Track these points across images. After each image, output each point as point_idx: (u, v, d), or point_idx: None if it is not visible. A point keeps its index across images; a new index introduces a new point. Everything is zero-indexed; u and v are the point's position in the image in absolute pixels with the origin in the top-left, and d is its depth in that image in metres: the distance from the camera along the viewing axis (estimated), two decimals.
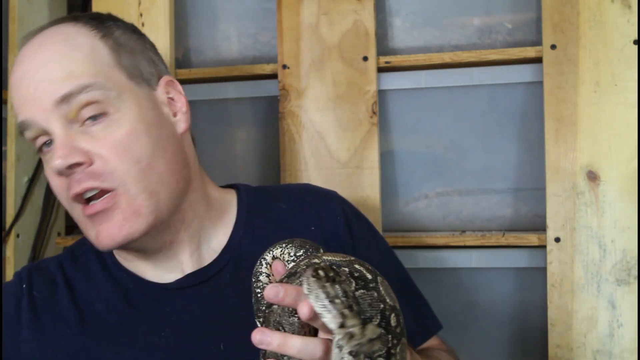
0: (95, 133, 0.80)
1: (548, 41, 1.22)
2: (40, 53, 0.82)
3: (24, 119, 0.82)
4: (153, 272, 0.89)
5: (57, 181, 0.82)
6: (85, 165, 0.79)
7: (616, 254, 1.17)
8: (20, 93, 0.82)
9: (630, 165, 1.18)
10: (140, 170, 0.80)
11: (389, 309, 0.64)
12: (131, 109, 0.83)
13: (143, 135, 0.82)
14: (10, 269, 1.54)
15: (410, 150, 1.36)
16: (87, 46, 0.83)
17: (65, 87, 0.79)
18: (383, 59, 1.31)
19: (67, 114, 0.80)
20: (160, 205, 0.82)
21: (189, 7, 1.45)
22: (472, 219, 1.33)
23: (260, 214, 0.94)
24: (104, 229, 0.80)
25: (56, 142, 0.80)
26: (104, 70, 0.82)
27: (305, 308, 0.59)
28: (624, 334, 1.16)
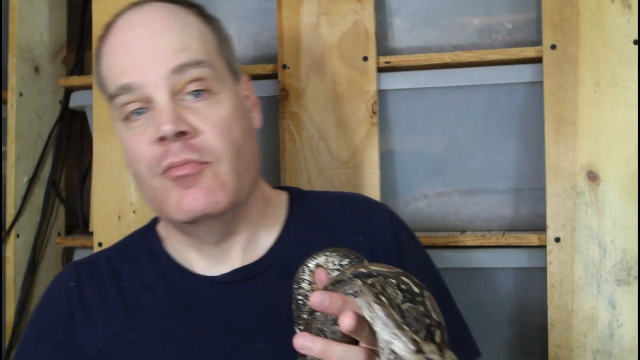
0: (199, 109, 0.82)
1: (548, 41, 1.22)
2: (155, 22, 0.84)
3: (129, 82, 0.82)
4: (202, 263, 0.90)
5: (146, 148, 0.82)
6: (189, 136, 0.80)
7: (616, 254, 1.17)
8: (128, 56, 0.83)
9: (630, 165, 1.18)
10: (235, 152, 0.83)
11: (435, 324, 0.63)
12: (230, 94, 0.86)
13: (238, 121, 0.85)
14: (10, 269, 1.54)
15: (410, 150, 1.36)
16: (197, 27, 0.87)
17: (180, 59, 0.82)
18: (383, 59, 1.31)
19: (175, 85, 0.81)
20: (242, 188, 0.84)
21: None
22: (472, 219, 1.33)
23: (310, 218, 0.95)
24: (190, 192, 0.80)
25: (163, 109, 0.80)
26: (212, 54, 0.86)
27: (347, 320, 0.59)
28: (624, 334, 1.16)
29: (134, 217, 1.38)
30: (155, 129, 0.80)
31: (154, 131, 0.81)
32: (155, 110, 0.81)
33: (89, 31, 1.48)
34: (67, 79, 1.54)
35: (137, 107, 0.83)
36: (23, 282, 1.54)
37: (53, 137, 1.63)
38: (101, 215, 1.41)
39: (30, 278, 1.55)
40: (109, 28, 0.89)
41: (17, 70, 1.54)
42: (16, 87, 1.54)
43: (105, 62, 0.88)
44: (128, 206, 1.39)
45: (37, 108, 1.60)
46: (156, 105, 0.81)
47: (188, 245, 0.90)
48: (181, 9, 0.88)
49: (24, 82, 1.56)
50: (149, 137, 0.82)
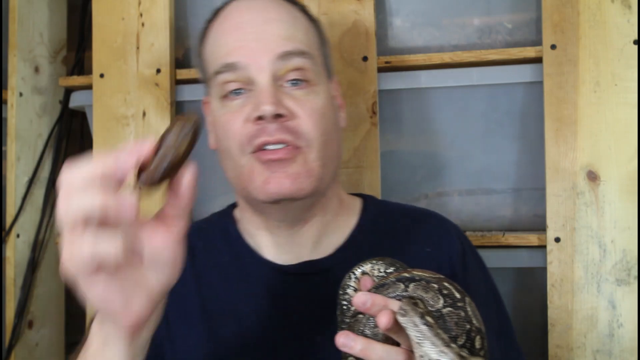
0: (297, 96, 0.87)
1: (548, 41, 1.22)
2: (266, 10, 0.89)
3: (235, 61, 0.86)
4: (272, 250, 0.93)
5: (240, 126, 0.85)
6: (285, 118, 0.84)
7: (616, 254, 1.17)
8: (236, 37, 0.88)
9: (630, 165, 1.18)
10: (324, 141, 0.87)
11: (475, 330, 0.64)
12: (324, 89, 0.91)
13: (330, 113, 0.90)
14: (10, 269, 1.54)
15: (410, 150, 1.36)
16: (304, 22, 0.93)
17: (288, 46, 0.86)
18: (383, 59, 1.31)
19: (278, 70, 0.86)
20: (324, 178, 0.88)
21: (189, 7, 1.45)
22: (472, 219, 1.33)
23: (381, 225, 0.97)
24: (278, 176, 0.84)
25: (264, 90, 0.84)
26: (314, 48, 0.91)
27: (384, 318, 0.60)
28: (624, 334, 1.16)
29: None
30: (254, 108, 0.84)
31: (252, 110, 0.84)
32: (255, 92, 0.85)
33: (89, 31, 1.48)
34: (67, 79, 1.54)
35: (236, 88, 0.87)
36: (23, 282, 1.54)
37: (53, 137, 1.63)
38: None
39: (30, 278, 1.55)
40: (219, 12, 0.94)
41: (17, 70, 1.54)
42: (16, 87, 1.54)
43: (211, 42, 0.92)
44: None
45: (37, 108, 1.60)
46: (257, 87, 0.85)
47: (262, 228, 0.93)
48: (289, 3, 0.93)
49: (24, 82, 1.56)
50: (245, 116, 0.85)
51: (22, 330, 1.54)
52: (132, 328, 0.59)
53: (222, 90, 0.88)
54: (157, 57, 1.39)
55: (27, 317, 1.55)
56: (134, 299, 0.57)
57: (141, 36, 1.40)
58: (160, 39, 1.39)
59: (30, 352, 1.57)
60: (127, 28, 1.41)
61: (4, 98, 1.56)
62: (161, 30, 1.39)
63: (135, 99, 1.39)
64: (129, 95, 1.40)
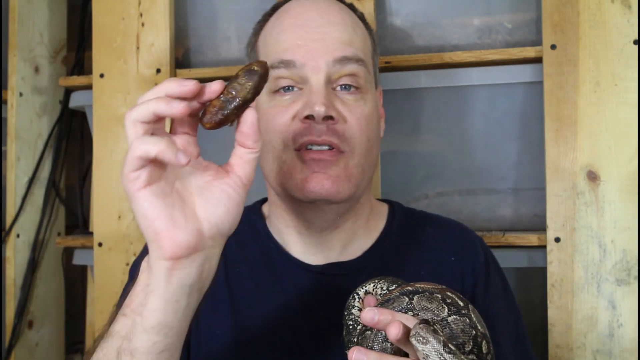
0: (348, 100, 0.88)
1: (548, 41, 1.22)
2: (328, 12, 0.90)
3: (293, 59, 0.87)
4: (299, 248, 0.93)
5: (287, 121, 0.86)
6: (334, 121, 0.85)
7: (616, 254, 1.17)
8: (297, 35, 0.88)
9: (630, 165, 1.18)
10: (366, 148, 0.88)
11: (481, 335, 0.66)
12: (372, 97, 0.92)
13: (374, 122, 0.91)
14: (10, 269, 1.54)
15: (410, 150, 1.36)
16: (362, 30, 0.94)
17: (347, 51, 0.87)
18: (383, 59, 1.31)
19: (332, 74, 0.87)
20: (362, 184, 0.89)
21: (189, 7, 1.45)
22: (472, 219, 1.33)
23: (407, 232, 0.97)
24: (318, 176, 0.84)
25: (318, 91, 0.85)
26: (369, 57, 0.93)
27: (394, 330, 0.61)
28: (624, 334, 1.16)
29: (133, 217, 1.38)
30: (305, 107, 0.85)
31: (302, 108, 0.85)
32: (307, 91, 0.86)
33: (89, 31, 1.48)
34: (67, 79, 1.54)
35: (288, 85, 0.87)
36: (23, 282, 1.54)
37: (53, 137, 1.63)
38: (101, 215, 1.41)
39: (30, 278, 1.55)
40: (279, 8, 0.95)
41: (17, 70, 1.54)
42: (16, 87, 1.54)
43: (269, 36, 0.92)
44: (128, 206, 1.39)
45: (37, 108, 1.60)
46: (310, 87, 0.86)
47: (291, 227, 0.93)
48: (350, 9, 0.95)
49: (24, 82, 1.56)
50: (294, 112, 0.86)
51: (22, 330, 1.54)
52: (173, 254, 0.62)
53: (273, 85, 0.88)
54: (157, 57, 1.39)
55: (27, 317, 1.55)
56: (179, 223, 0.62)
57: (141, 36, 1.40)
58: (160, 39, 1.39)
59: (30, 352, 1.57)
60: (127, 28, 1.41)
61: (4, 98, 1.56)
62: (161, 30, 1.39)
63: (135, 99, 1.39)
64: (129, 95, 1.40)
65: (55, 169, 1.62)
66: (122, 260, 1.39)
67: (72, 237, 1.54)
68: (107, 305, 1.38)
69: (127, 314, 0.65)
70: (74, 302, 1.70)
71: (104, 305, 1.38)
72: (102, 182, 1.41)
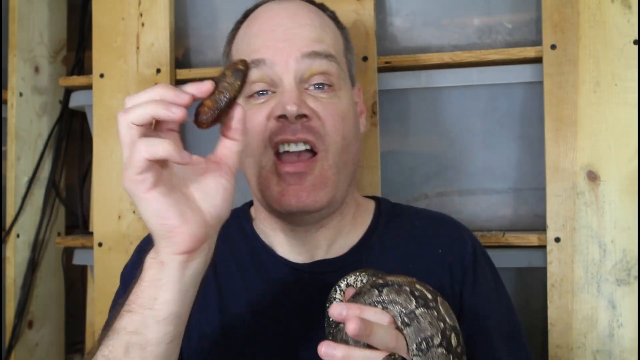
0: (321, 98, 0.89)
1: (548, 41, 1.22)
2: (297, 14, 0.92)
3: (262, 58, 0.88)
4: (286, 248, 0.94)
5: (262, 121, 0.87)
6: (308, 119, 0.86)
7: (616, 254, 1.17)
8: (266, 38, 0.90)
9: (630, 165, 1.18)
10: (342, 146, 0.88)
11: (449, 328, 0.66)
12: (347, 94, 0.93)
13: (351, 118, 0.92)
14: (10, 269, 1.54)
15: (410, 150, 1.36)
16: (332, 28, 0.95)
17: (315, 46, 0.88)
18: (383, 59, 1.31)
19: (303, 73, 0.88)
20: (340, 185, 0.89)
21: (189, 7, 1.45)
22: (472, 219, 1.33)
23: (394, 226, 0.98)
24: (293, 189, 0.86)
25: (289, 90, 0.86)
26: (340, 54, 0.94)
27: (351, 325, 0.62)
28: (624, 334, 1.16)
29: (133, 217, 1.38)
30: (278, 106, 0.86)
31: (276, 108, 0.86)
32: (280, 93, 0.87)
33: (89, 31, 1.48)
34: (67, 79, 1.54)
35: (262, 89, 0.89)
36: (23, 282, 1.54)
37: (53, 137, 1.63)
38: (101, 215, 1.41)
39: (30, 278, 1.55)
40: (249, 14, 0.97)
41: (17, 70, 1.54)
42: (16, 87, 1.54)
43: (240, 42, 0.96)
44: (128, 206, 1.39)
45: (37, 108, 1.60)
46: (282, 88, 0.87)
47: (277, 229, 0.95)
48: (320, 9, 0.97)
49: (24, 82, 1.56)
50: (268, 112, 0.87)
51: (22, 330, 1.54)
52: (187, 248, 0.66)
53: (248, 89, 0.90)
54: (157, 57, 1.39)
55: (27, 317, 1.55)
56: (189, 217, 0.65)
57: (141, 36, 1.40)
58: (160, 39, 1.39)
59: (30, 352, 1.57)
60: (127, 28, 1.41)
61: (4, 98, 1.56)
62: (161, 30, 1.39)
63: None
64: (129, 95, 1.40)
65: (55, 169, 1.62)
66: (122, 260, 1.39)
67: (72, 237, 1.54)
68: (107, 305, 1.38)
69: (134, 310, 0.67)
70: (74, 302, 1.70)
71: (104, 305, 1.38)
72: (102, 182, 1.41)
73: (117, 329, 0.68)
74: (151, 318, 0.67)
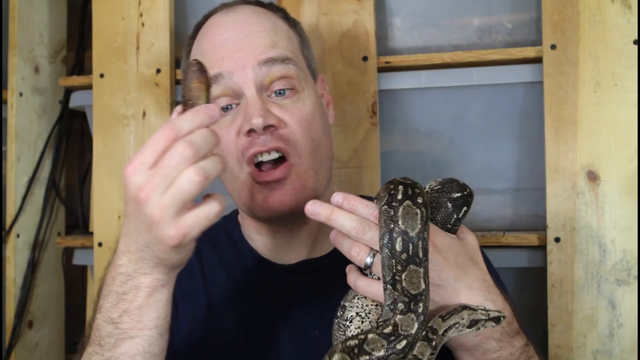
0: (285, 105, 0.89)
1: (548, 41, 1.22)
2: (247, 23, 0.91)
3: (220, 72, 0.88)
4: (273, 252, 0.96)
5: (233, 139, 0.87)
6: (275, 128, 0.86)
7: (616, 254, 1.17)
8: (223, 50, 0.89)
9: (630, 165, 1.18)
10: (313, 148, 0.89)
11: (399, 232, 0.65)
12: (311, 93, 0.92)
13: (318, 118, 0.92)
14: (10, 269, 1.54)
15: (410, 150, 1.36)
16: (285, 28, 0.94)
17: (270, 53, 0.88)
18: (383, 59, 1.31)
19: (263, 80, 0.88)
20: (319, 184, 0.90)
21: (189, 7, 1.45)
22: (472, 219, 1.33)
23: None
24: (276, 194, 0.87)
25: (253, 103, 0.86)
26: (297, 53, 0.93)
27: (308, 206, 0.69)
28: (624, 334, 1.16)
29: None
30: (245, 122, 0.86)
31: (243, 124, 0.86)
32: (244, 105, 0.87)
33: (89, 31, 1.48)
34: (67, 79, 1.54)
35: (226, 104, 0.89)
36: (23, 282, 1.54)
37: (53, 137, 1.63)
38: (101, 215, 1.41)
39: (30, 278, 1.55)
40: (200, 28, 0.97)
41: (17, 70, 1.54)
42: (16, 87, 1.54)
43: (196, 56, 0.93)
44: None
45: (37, 108, 1.60)
46: (245, 100, 0.87)
47: (262, 233, 0.96)
48: (270, 11, 0.95)
49: (24, 82, 1.56)
50: (236, 129, 0.87)
51: (22, 330, 1.54)
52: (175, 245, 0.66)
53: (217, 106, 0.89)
54: (157, 57, 1.39)
55: (27, 317, 1.55)
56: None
57: (141, 36, 1.40)
58: (160, 39, 1.39)
59: (30, 352, 1.57)
60: (127, 28, 1.41)
61: (4, 98, 1.56)
62: (161, 30, 1.39)
63: (135, 99, 1.39)
64: (129, 95, 1.40)
65: (55, 169, 1.62)
66: None
67: (72, 237, 1.54)
68: None
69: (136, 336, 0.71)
70: (74, 302, 1.70)
71: None
72: (102, 182, 1.41)
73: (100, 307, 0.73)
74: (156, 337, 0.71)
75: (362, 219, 0.68)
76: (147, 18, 1.40)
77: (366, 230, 0.68)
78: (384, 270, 0.66)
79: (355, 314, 0.75)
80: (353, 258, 0.70)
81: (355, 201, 0.69)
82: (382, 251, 0.66)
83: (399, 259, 0.65)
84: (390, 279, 0.65)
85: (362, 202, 0.69)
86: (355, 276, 0.72)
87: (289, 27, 0.96)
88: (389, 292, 0.66)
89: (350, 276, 0.73)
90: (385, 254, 0.65)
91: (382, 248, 0.66)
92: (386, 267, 0.65)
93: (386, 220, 0.66)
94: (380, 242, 0.66)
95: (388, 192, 0.67)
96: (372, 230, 0.68)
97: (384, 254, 0.66)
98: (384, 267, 0.66)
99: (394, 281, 0.65)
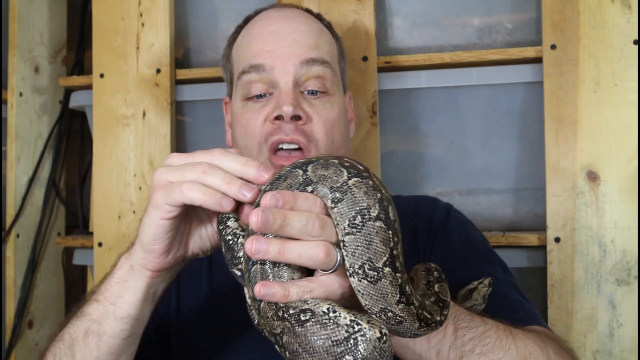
0: (315, 104, 0.94)
1: (548, 41, 1.22)
2: (296, 21, 0.97)
3: (262, 63, 0.93)
4: None
5: (259, 124, 0.92)
6: (302, 121, 0.91)
7: (616, 254, 1.17)
8: (266, 42, 0.95)
9: (630, 165, 1.18)
10: (332, 150, 0.93)
11: (387, 199, 0.58)
12: (340, 100, 0.98)
13: (342, 124, 0.97)
14: (10, 269, 1.54)
15: (410, 150, 1.36)
16: (328, 36, 1.01)
17: (313, 53, 0.94)
18: (383, 59, 1.31)
19: (300, 77, 0.93)
20: None
21: (189, 7, 1.45)
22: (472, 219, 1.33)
23: None
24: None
25: (286, 92, 0.91)
26: (335, 61, 1.00)
27: (253, 217, 0.55)
28: (624, 334, 1.16)
29: (134, 217, 1.38)
30: (274, 108, 0.91)
31: (272, 110, 0.91)
32: (277, 94, 0.92)
33: (89, 31, 1.48)
34: (67, 79, 1.54)
35: (261, 92, 0.94)
36: (23, 282, 1.54)
37: (53, 137, 1.63)
38: (101, 215, 1.41)
39: (30, 278, 1.55)
40: (250, 19, 1.02)
41: (17, 70, 1.54)
42: (16, 87, 1.54)
43: (240, 46, 1.01)
44: (128, 206, 1.39)
45: (37, 108, 1.60)
46: (279, 90, 0.92)
47: None
48: (317, 18, 1.03)
49: (24, 82, 1.56)
50: (265, 115, 0.92)
51: (22, 330, 1.54)
52: (155, 269, 0.70)
53: (246, 92, 0.94)
54: (157, 57, 1.39)
55: (27, 317, 1.55)
56: (174, 251, 0.70)
57: (141, 36, 1.40)
58: (160, 39, 1.39)
59: (30, 352, 1.57)
60: (127, 28, 1.41)
61: (4, 98, 1.56)
62: (161, 30, 1.39)
63: (135, 99, 1.39)
64: (129, 95, 1.40)
65: (55, 169, 1.62)
66: None
67: (72, 237, 1.54)
68: None
69: (100, 301, 0.73)
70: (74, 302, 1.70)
71: None
72: (102, 182, 1.41)
73: (84, 313, 0.75)
74: (112, 313, 0.72)
75: (315, 214, 0.58)
76: (147, 18, 1.40)
77: (325, 224, 0.58)
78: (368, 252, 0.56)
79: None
80: (321, 261, 0.57)
81: (293, 196, 0.59)
82: (367, 227, 0.56)
83: (394, 228, 0.58)
84: (389, 257, 0.57)
85: (302, 195, 0.59)
86: (296, 285, 0.58)
87: (332, 37, 1.02)
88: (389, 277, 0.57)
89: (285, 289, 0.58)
90: (377, 227, 0.56)
91: (366, 223, 0.56)
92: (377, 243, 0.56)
93: (367, 192, 0.57)
94: (361, 218, 0.57)
95: (340, 166, 0.60)
96: (328, 222, 0.59)
97: (371, 228, 0.56)
98: (368, 247, 0.56)
99: (392, 259, 0.57)
